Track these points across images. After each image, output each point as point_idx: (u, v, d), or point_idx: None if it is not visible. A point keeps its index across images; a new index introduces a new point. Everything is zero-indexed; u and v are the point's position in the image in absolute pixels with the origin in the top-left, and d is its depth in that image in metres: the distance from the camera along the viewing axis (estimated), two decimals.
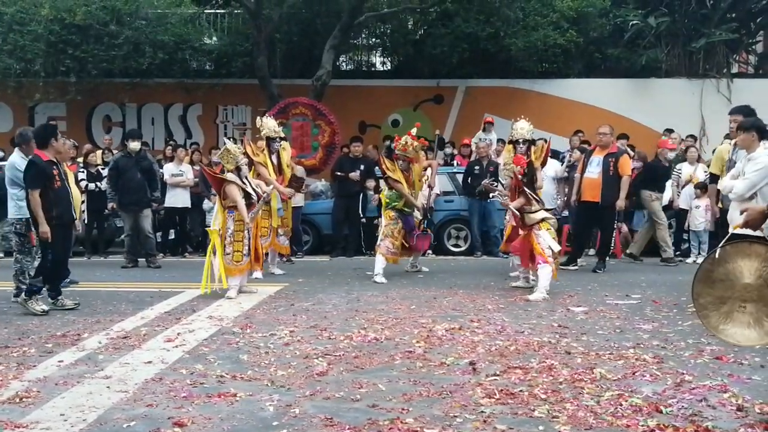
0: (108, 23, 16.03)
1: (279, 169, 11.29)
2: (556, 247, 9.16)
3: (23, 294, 8.26)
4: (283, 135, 11.62)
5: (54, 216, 8.17)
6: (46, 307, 8.20)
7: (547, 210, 9.64)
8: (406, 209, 10.79)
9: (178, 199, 13.76)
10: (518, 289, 9.54)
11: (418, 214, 11.17)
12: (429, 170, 11.48)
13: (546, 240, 9.03)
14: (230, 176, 9.28)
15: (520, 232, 9.35)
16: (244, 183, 9.41)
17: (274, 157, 11.22)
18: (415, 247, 11.09)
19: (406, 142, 10.73)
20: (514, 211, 9.20)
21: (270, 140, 11.21)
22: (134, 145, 12.50)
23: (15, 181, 8.87)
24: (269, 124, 11.29)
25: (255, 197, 9.49)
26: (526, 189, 9.15)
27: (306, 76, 17.08)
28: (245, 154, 9.99)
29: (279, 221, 11.08)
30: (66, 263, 8.67)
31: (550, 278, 8.94)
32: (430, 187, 11.58)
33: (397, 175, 10.68)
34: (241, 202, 9.15)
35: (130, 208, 12.38)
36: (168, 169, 13.84)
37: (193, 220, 14.28)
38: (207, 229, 10.76)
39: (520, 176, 9.23)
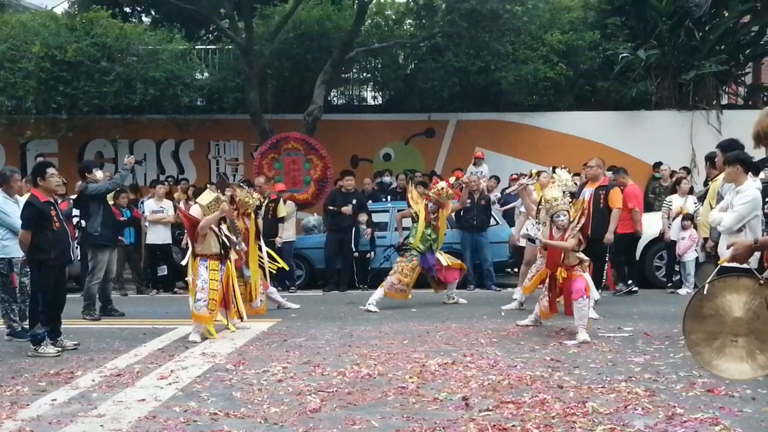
0: (99, 60, 16.12)
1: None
2: (595, 296, 8.87)
3: (31, 347, 8.11)
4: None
5: (51, 257, 8.09)
6: (58, 348, 8.13)
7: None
8: (420, 246, 11.08)
9: (158, 236, 13.75)
10: (510, 323, 9.51)
11: (440, 257, 11.36)
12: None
13: (589, 281, 8.83)
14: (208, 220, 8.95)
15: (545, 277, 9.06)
16: (219, 232, 9.13)
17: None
18: (445, 279, 11.49)
19: (443, 188, 11.19)
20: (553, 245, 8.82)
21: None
22: (99, 175, 11.06)
23: None
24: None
25: (230, 245, 9.28)
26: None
27: (298, 111, 17.15)
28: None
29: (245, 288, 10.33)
30: (63, 303, 8.52)
31: (588, 315, 8.52)
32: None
33: (419, 208, 11.12)
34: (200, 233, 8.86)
35: (109, 245, 11.04)
36: (148, 206, 13.85)
37: (183, 255, 14.19)
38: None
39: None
